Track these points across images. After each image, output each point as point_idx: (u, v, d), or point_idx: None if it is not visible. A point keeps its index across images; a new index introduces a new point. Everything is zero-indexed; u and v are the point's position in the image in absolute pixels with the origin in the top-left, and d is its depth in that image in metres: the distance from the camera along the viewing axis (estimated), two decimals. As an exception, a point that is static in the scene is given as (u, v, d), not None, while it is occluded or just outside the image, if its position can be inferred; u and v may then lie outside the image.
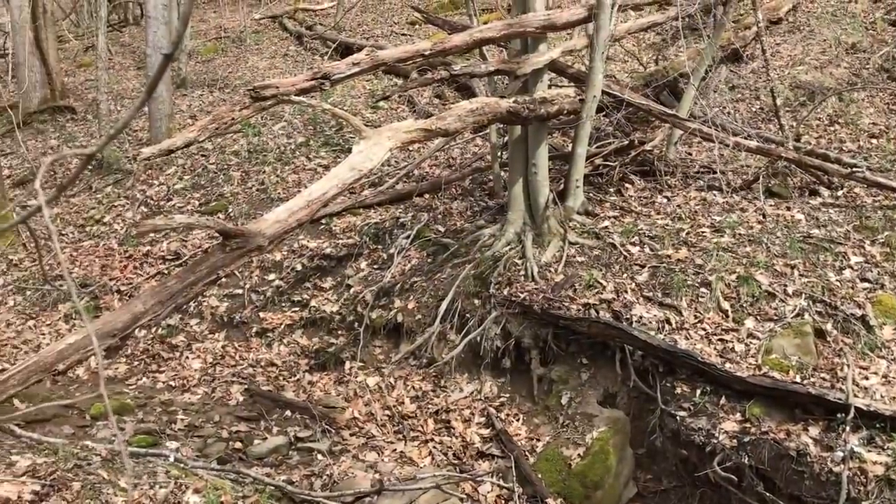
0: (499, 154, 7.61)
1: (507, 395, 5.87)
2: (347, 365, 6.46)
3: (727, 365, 5.08)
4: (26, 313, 7.79)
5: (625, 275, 5.92)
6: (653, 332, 5.38)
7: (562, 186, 6.81)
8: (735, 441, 4.71)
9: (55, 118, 13.51)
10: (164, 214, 9.04)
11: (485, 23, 7.29)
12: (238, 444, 5.47)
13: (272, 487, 4.51)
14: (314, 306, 7.15)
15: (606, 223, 6.57)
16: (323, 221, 7.98)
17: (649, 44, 11.02)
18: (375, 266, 7.28)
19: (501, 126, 7.27)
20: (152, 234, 8.36)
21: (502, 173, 7.50)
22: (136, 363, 6.83)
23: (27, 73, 13.64)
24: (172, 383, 6.50)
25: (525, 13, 6.22)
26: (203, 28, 17.36)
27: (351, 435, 5.66)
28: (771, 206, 6.64)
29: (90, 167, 10.99)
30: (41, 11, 13.68)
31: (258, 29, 16.12)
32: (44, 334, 7.37)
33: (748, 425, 4.76)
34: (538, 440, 5.40)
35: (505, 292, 6.06)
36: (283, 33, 15.50)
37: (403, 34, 13.46)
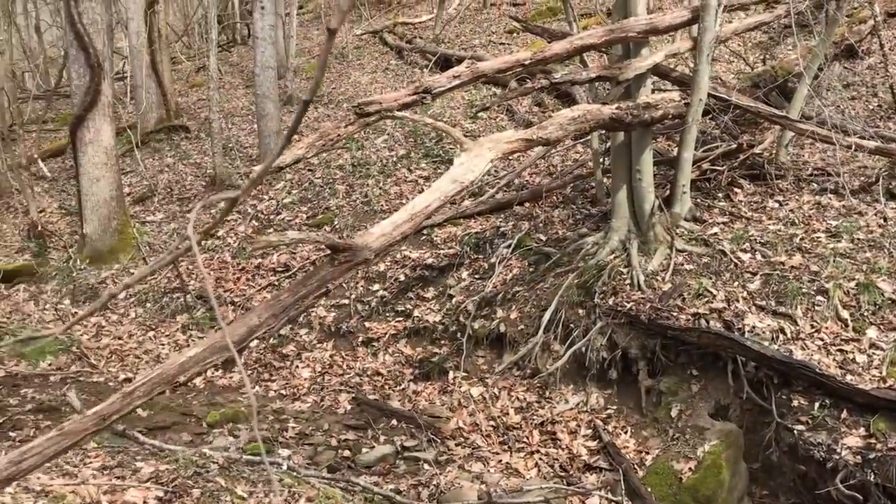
0: (601, 160, 7.51)
1: (614, 407, 5.77)
2: (451, 375, 6.49)
3: (848, 377, 4.83)
4: (146, 324, 8.20)
5: (736, 283, 5.73)
6: (766, 343, 5.18)
7: (667, 192, 6.65)
8: (859, 457, 4.47)
9: (170, 137, 14.18)
10: (274, 228, 9.36)
11: (584, 29, 7.22)
12: (346, 453, 5.57)
13: (381, 497, 4.57)
14: (417, 316, 7.24)
15: (715, 229, 6.38)
16: (424, 232, 8.07)
17: (756, 43, 10.66)
18: (477, 276, 7.30)
19: (603, 132, 7.18)
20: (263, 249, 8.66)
21: (605, 180, 7.40)
22: (249, 372, 7.09)
23: (144, 94, 14.41)
24: (283, 392, 6.71)
25: (626, 18, 6.13)
26: (307, 45, 17.89)
27: (456, 445, 5.68)
28: (893, 209, 6.29)
29: (203, 184, 11.50)
30: (156, 35, 14.43)
31: (359, 44, 16.48)
32: (163, 344, 7.75)
33: (873, 441, 4.51)
34: (647, 453, 5.28)
35: (610, 302, 5.96)
36: (383, 48, 15.79)
37: (502, 43, 13.49)
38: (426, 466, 5.36)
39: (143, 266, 9.12)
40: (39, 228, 10.63)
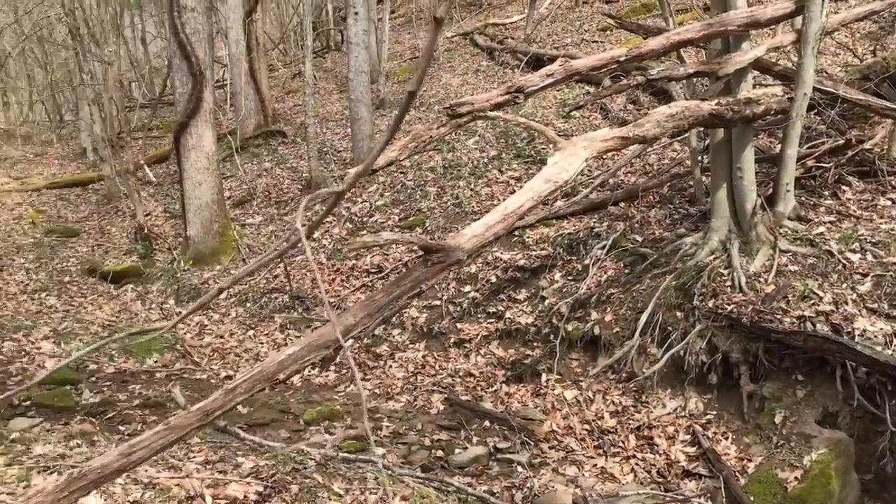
0: (699, 158, 7.30)
1: (714, 413, 5.59)
2: (544, 377, 6.43)
3: (971, 385, 4.54)
4: (246, 324, 8.45)
5: (844, 284, 5.46)
6: (879, 347, 4.91)
7: (770, 191, 6.40)
8: (983, 471, 4.20)
9: (268, 142, 14.61)
10: (368, 230, 9.50)
11: (680, 24, 7.03)
12: (440, 453, 5.58)
13: (475, 498, 4.56)
14: (509, 318, 7.20)
15: (821, 229, 6.10)
16: (516, 233, 8.02)
17: (865, 34, 10.14)
18: (570, 277, 7.21)
19: (701, 129, 6.97)
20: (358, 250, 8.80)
21: (704, 179, 7.18)
22: (344, 371, 7.21)
23: (243, 101, 14.88)
24: (377, 391, 6.78)
25: (725, 11, 5.93)
26: (398, 49, 18.09)
27: (550, 448, 5.62)
28: None
29: (299, 187, 11.77)
30: (254, 43, 14.88)
31: (450, 47, 16.56)
32: (262, 343, 7.96)
33: None
34: (749, 461, 5.08)
35: (710, 304, 5.78)
36: (474, 49, 15.82)
37: (594, 41, 13.31)
38: (519, 469, 5.33)
39: (252, 260, 9.41)
40: (146, 231, 11.13)
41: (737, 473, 4.99)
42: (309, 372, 7.09)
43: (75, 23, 13.05)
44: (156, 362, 7.27)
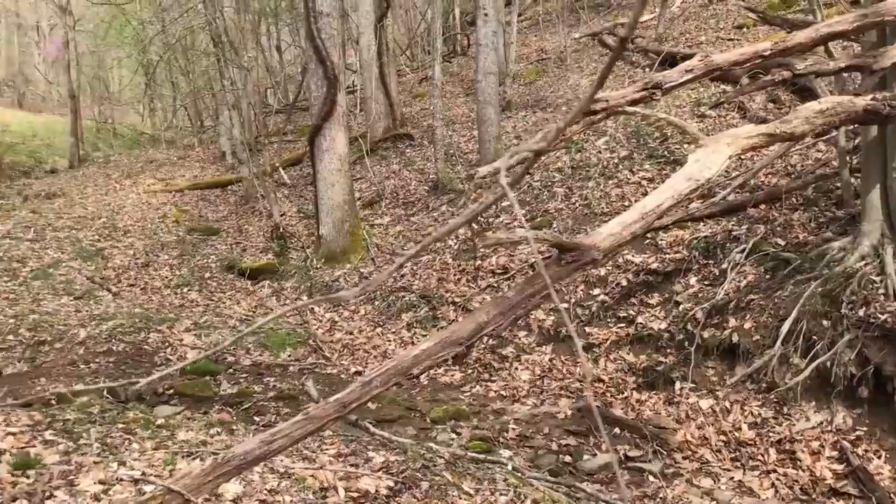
0: (847, 159, 6.86)
1: (865, 429, 5.21)
2: (678, 385, 6.19)
3: None
4: (374, 321, 8.60)
5: None
6: None
7: (929, 193, 5.95)
8: None
9: (396, 145, 14.87)
10: (493, 231, 9.47)
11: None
12: (567, 458, 5.47)
13: (605, 505, 4.44)
14: (641, 323, 6.99)
15: None
16: (648, 235, 7.79)
17: None
18: (706, 282, 6.93)
19: (851, 127, 6.55)
20: (482, 250, 8.79)
21: (852, 180, 6.75)
22: (469, 371, 7.20)
23: (373, 105, 15.21)
24: (503, 392, 6.74)
25: (882, 0, 5.54)
26: (525, 52, 18.04)
27: (683, 458, 5.40)
28: None
29: (426, 189, 11.90)
30: (385, 49, 15.19)
31: (578, 48, 16.35)
32: (389, 340, 8.08)
33: None
34: (906, 482, 4.72)
35: (860, 313, 5.40)
36: (602, 50, 15.56)
37: (730, 39, 12.80)
38: (651, 478, 5.15)
39: (462, 213, 9.54)
40: (281, 230, 11.55)
41: (892, 495, 4.63)
42: (434, 371, 7.13)
43: (217, 31, 13.71)
44: (289, 356, 7.50)
